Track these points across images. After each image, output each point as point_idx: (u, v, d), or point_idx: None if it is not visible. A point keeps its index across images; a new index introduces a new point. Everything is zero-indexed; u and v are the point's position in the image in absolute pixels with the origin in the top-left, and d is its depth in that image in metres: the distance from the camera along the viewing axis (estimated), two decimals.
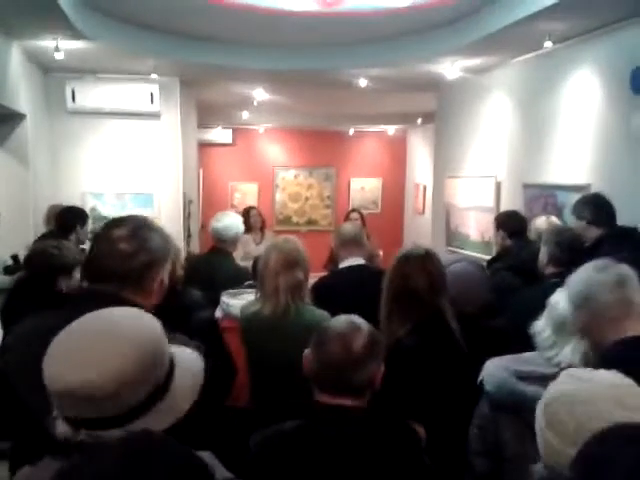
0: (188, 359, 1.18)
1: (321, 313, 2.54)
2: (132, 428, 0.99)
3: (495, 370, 1.94)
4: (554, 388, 1.12)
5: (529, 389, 1.86)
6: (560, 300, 1.94)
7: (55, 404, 1.02)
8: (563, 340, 1.89)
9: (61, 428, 1.01)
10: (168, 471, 0.84)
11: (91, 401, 0.98)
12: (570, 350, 1.86)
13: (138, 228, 1.50)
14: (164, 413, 1.05)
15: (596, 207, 3.24)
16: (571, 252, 2.86)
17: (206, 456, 1.05)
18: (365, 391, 1.56)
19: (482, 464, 1.98)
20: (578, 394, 1.07)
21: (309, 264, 2.57)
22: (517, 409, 1.88)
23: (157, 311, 1.35)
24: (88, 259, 1.54)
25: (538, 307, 2.01)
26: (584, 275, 1.85)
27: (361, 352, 1.52)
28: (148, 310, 1.41)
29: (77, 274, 2.78)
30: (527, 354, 1.99)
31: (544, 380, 1.85)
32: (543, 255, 2.96)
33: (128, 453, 0.87)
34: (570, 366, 1.84)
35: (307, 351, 1.61)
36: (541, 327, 1.96)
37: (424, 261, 2.24)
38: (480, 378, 1.97)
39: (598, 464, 0.87)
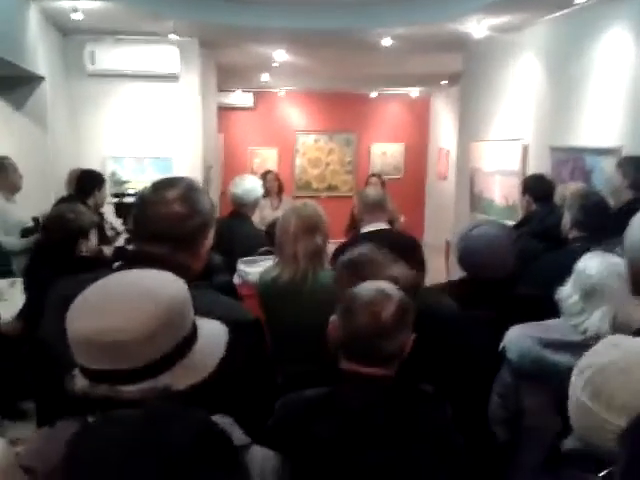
0: (210, 325, 1.16)
1: None
2: (154, 384, 0.99)
3: (518, 338, 1.89)
4: (598, 358, 1.06)
5: (555, 357, 1.82)
6: (589, 265, 1.87)
7: (78, 356, 1.00)
8: (592, 306, 1.82)
9: (80, 384, 1.00)
10: (185, 438, 0.83)
11: (115, 349, 0.97)
12: (599, 317, 1.80)
13: (190, 190, 1.46)
14: (188, 370, 1.04)
15: None
16: (596, 216, 2.79)
17: (225, 421, 1.05)
18: (394, 360, 1.51)
19: (503, 432, 1.96)
20: (630, 363, 1.01)
21: (328, 229, 2.53)
22: (541, 377, 1.84)
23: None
24: (138, 222, 1.49)
25: (561, 272, 1.95)
26: None
27: (391, 321, 1.46)
28: (197, 273, 1.43)
29: (93, 237, 2.77)
30: (551, 321, 1.93)
31: (570, 348, 1.81)
32: (566, 219, 2.88)
33: (146, 419, 0.86)
34: (598, 334, 1.78)
35: (333, 317, 1.55)
36: (568, 293, 1.89)
37: None
38: (502, 345, 1.92)
39: None
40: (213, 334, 1.14)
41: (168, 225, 1.42)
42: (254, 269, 2.77)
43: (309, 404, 1.48)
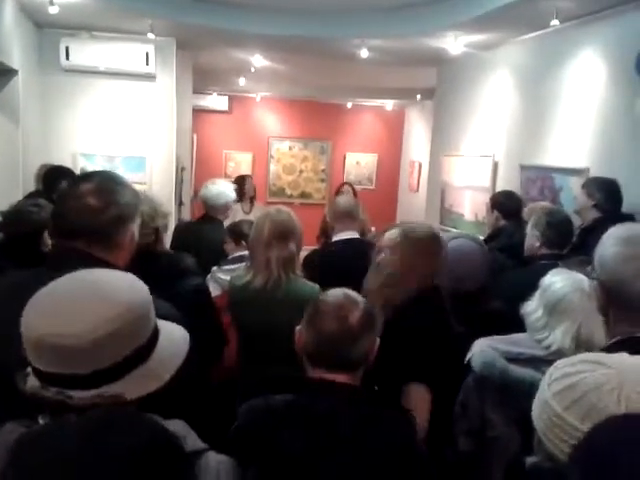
0: (173, 330, 1.14)
1: (312, 286, 2.50)
2: (107, 391, 0.96)
3: (484, 350, 1.91)
4: (583, 378, 1.04)
5: (518, 371, 1.84)
6: (554, 281, 1.91)
7: (31, 357, 0.97)
8: (555, 322, 1.86)
9: (31, 383, 0.98)
10: (133, 446, 0.81)
11: (64, 353, 0.94)
12: (562, 332, 1.84)
13: (106, 182, 1.45)
14: (142, 379, 1.01)
15: (609, 194, 3.27)
16: (562, 233, 2.86)
17: (179, 425, 1.02)
18: (360, 366, 1.51)
19: (465, 443, 1.97)
20: (624, 381, 1.01)
21: (302, 236, 2.53)
22: (504, 390, 1.87)
23: (141, 275, 1.31)
24: (55, 215, 1.48)
25: (528, 289, 1.98)
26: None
27: (357, 326, 1.47)
28: (119, 269, 1.36)
29: None
30: (516, 335, 1.96)
31: (533, 362, 1.84)
32: (532, 238, 2.93)
33: (92, 427, 0.84)
34: (560, 349, 1.82)
35: (299, 327, 1.55)
36: (533, 308, 1.93)
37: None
38: (468, 357, 1.94)
39: (603, 456, 0.84)
40: (173, 340, 1.11)
41: (81, 219, 1.40)
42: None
43: (274, 411, 1.47)
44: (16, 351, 1.00)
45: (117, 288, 1.03)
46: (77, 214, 1.40)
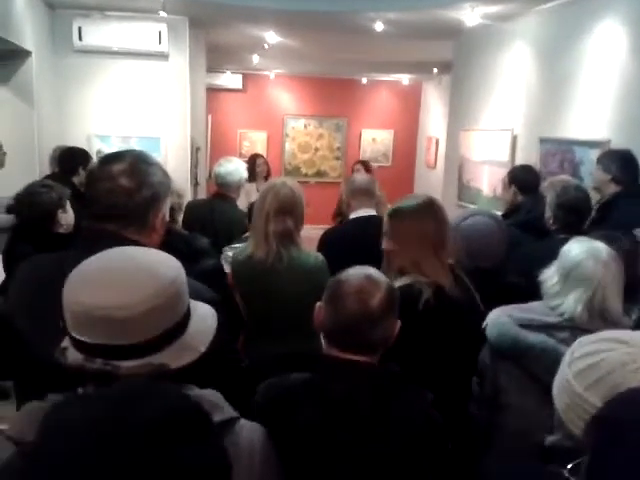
0: (202, 307, 1.16)
1: (316, 256, 2.52)
2: (151, 360, 0.99)
3: (497, 317, 1.90)
4: (605, 358, 1.01)
5: (531, 337, 1.83)
6: (572, 248, 1.88)
7: (76, 329, 0.99)
8: (568, 289, 1.83)
9: (72, 357, 1.00)
10: (157, 414, 0.83)
11: (117, 325, 0.97)
12: (574, 299, 1.81)
13: (137, 162, 1.42)
14: (182, 350, 1.05)
15: (624, 164, 3.21)
16: (574, 213, 2.81)
17: (214, 395, 1.06)
18: (379, 348, 1.49)
19: (480, 412, 1.97)
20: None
21: (303, 211, 2.51)
22: (517, 356, 1.86)
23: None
24: (87, 197, 1.46)
25: (544, 262, 1.96)
26: None
27: (379, 309, 1.44)
28: (154, 247, 1.38)
29: (70, 209, 2.73)
30: (532, 303, 1.95)
31: (545, 329, 1.83)
32: (548, 214, 2.90)
33: (120, 395, 0.87)
34: (572, 316, 1.80)
35: (319, 304, 1.53)
36: (550, 275, 1.91)
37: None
38: (484, 325, 1.93)
39: (619, 426, 0.82)
40: (204, 316, 1.14)
41: (115, 200, 1.38)
42: None
43: (292, 389, 1.47)
44: (53, 332, 1.02)
45: (157, 263, 1.06)
46: (110, 195, 1.38)
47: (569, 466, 0.92)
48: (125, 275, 1.00)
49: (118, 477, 0.78)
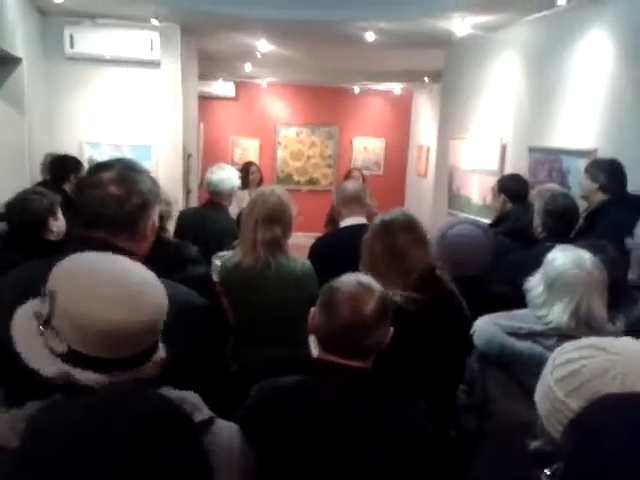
0: None
1: (303, 262, 2.54)
2: (144, 369, 1.01)
3: (484, 325, 1.92)
4: (586, 365, 1.02)
5: (518, 344, 1.85)
6: (556, 257, 1.90)
7: (78, 344, 0.97)
8: (554, 298, 1.85)
9: (55, 368, 0.98)
10: (141, 416, 0.85)
11: (130, 338, 0.98)
12: (560, 309, 1.83)
13: (126, 170, 1.44)
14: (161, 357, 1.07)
15: (611, 173, 3.24)
16: (562, 221, 2.83)
17: (191, 396, 1.07)
18: (372, 354, 1.52)
19: (469, 420, 1.98)
20: (628, 368, 1.00)
21: (291, 219, 2.53)
22: (505, 364, 1.87)
23: (152, 260, 1.31)
24: (77, 205, 1.47)
25: (530, 270, 1.97)
26: None
27: (372, 316, 1.47)
28: (142, 257, 1.39)
29: (61, 216, 2.72)
30: (518, 311, 1.97)
31: (532, 336, 1.85)
32: (537, 222, 2.92)
33: (104, 399, 0.88)
34: (559, 325, 1.82)
35: (314, 309, 1.55)
36: (534, 284, 1.93)
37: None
38: (471, 333, 1.94)
39: (594, 431, 0.83)
40: None
41: (106, 208, 1.39)
42: None
43: (284, 391, 1.48)
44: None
45: (147, 275, 1.07)
46: (100, 204, 1.39)
47: (547, 471, 0.93)
48: (128, 292, 1.00)
49: (103, 478, 0.79)
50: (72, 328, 0.97)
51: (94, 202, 1.40)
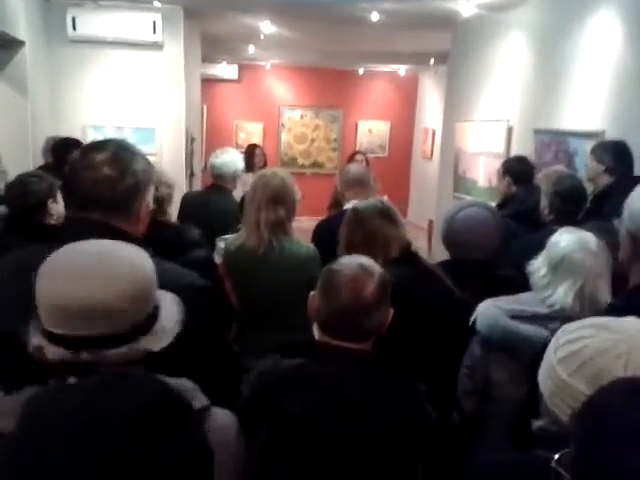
0: (164, 294, 1.17)
1: (307, 246, 2.53)
2: (135, 346, 1.02)
3: (487, 309, 1.91)
4: (588, 344, 1.02)
5: (521, 328, 1.84)
6: (560, 239, 1.88)
7: (52, 324, 0.99)
8: (558, 280, 1.84)
9: (52, 352, 0.99)
10: (140, 404, 0.84)
11: (103, 314, 0.98)
12: (564, 291, 1.82)
13: (120, 151, 1.42)
14: (158, 334, 1.07)
15: (618, 155, 3.20)
16: (570, 201, 2.81)
17: (186, 383, 1.07)
18: (372, 336, 1.51)
19: (470, 404, 1.97)
20: (632, 347, 0.99)
21: (295, 201, 2.52)
22: (508, 348, 1.86)
23: (152, 244, 1.30)
24: (70, 187, 1.46)
25: (538, 252, 1.96)
26: None
27: (372, 298, 1.46)
28: (137, 238, 1.38)
29: (60, 199, 2.71)
30: (521, 295, 1.96)
31: (536, 319, 1.83)
32: (544, 204, 2.89)
33: (101, 385, 0.87)
34: (563, 307, 1.80)
35: (313, 293, 1.54)
36: (537, 266, 1.92)
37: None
38: (473, 317, 1.93)
39: (605, 415, 0.83)
40: (168, 302, 1.16)
41: (98, 189, 1.38)
42: None
43: (284, 375, 1.48)
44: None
45: (132, 253, 1.08)
46: (94, 185, 1.38)
47: (556, 456, 0.92)
48: (102, 271, 1.01)
49: (100, 468, 0.78)
50: (40, 306, 1.00)
51: (87, 183, 1.39)
